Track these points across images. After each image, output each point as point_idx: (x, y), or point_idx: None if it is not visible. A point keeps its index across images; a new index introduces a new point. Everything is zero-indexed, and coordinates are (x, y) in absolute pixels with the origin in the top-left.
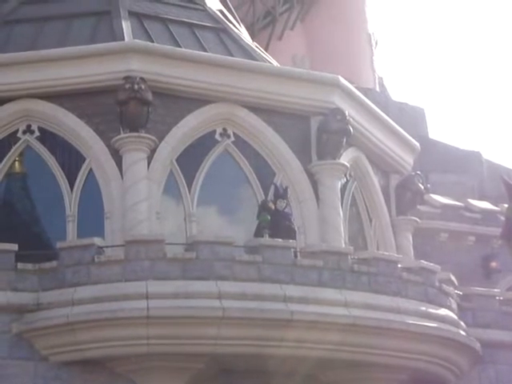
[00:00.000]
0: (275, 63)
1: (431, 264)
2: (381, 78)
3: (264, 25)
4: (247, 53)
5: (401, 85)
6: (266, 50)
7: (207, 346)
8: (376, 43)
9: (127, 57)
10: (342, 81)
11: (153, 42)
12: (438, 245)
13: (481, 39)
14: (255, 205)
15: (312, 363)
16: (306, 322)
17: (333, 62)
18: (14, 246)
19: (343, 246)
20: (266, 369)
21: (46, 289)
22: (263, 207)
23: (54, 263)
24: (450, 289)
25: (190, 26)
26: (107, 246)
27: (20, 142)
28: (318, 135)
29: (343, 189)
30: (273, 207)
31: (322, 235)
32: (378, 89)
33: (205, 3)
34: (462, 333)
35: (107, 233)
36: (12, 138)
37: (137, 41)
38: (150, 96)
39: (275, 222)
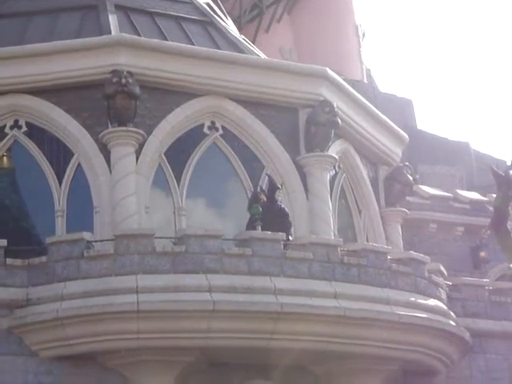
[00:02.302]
0: (262, 56)
1: (420, 255)
2: (368, 70)
3: (251, 17)
4: (234, 46)
5: (388, 76)
6: (254, 42)
7: (197, 339)
8: (363, 35)
9: (114, 51)
10: (330, 73)
11: (140, 35)
12: (427, 235)
13: (468, 29)
14: (244, 198)
15: (302, 355)
16: (297, 314)
17: (320, 54)
18: (3, 242)
19: (333, 238)
20: (257, 361)
21: (35, 284)
22: (254, 199)
23: (43, 258)
24: (440, 279)
25: (177, 19)
26: (96, 241)
27: (8, 137)
28: (307, 127)
29: (332, 181)
30: (264, 199)
31: (312, 227)
32: (365, 80)
33: None
34: (452, 323)
35: (96, 227)
36: (0, 134)
37: (124, 34)
38: (137, 90)
39: (272, 213)
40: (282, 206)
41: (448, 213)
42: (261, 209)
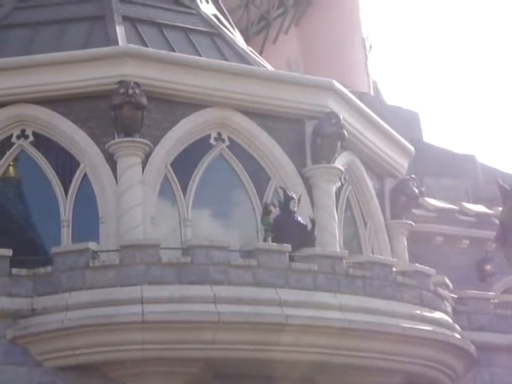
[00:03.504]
0: (269, 67)
1: (426, 267)
2: (375, 82)
3: (258, 29)
4: (241, 57)
5: (395, 89)
6: (261, 54)
7: (202, 350)
8: (370, 47)
9: (121, 61)
10: (337, 85)
11: (147, 46)
12: (432, 248)
13: (474, 43)
14: (250, 209)
15: (307, 367)
16: (301, 325)
17: (327, 66)
18: (9, 252)
19: (338, 249)
20: (262, 373)
21: (40, 294)
22: (265, 211)
23: (48, 268)
24: (445, 292)
25: (185, 30)
26: (102, 251)
27: (14, 146)
28: (313, 139)
29: (338, 193)
30: (273, 210)
31: (317, 239)
32: (372, 93)
33: (199, 8)
34: (457, 336)
35: (102, 237)
36: (6, 143)
37: (131, 45)
38: (144, 100)
39: (289, 225)
40: (299, 218)
41: (454, 225)
42: (272, 221)
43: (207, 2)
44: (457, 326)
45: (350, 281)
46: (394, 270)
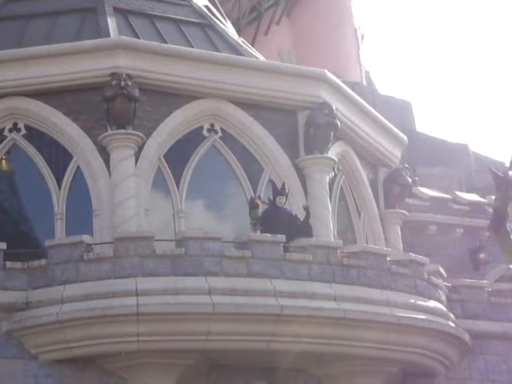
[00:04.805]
0: (262, 58)
1: (420, 256)
2: (367, 72)
3: (250, 20)
4: (234, 48)
5: (387, 78)
6: (253, 45)
7: (198, 341)
8: (362, 37)
9: (113, 53)
10: (329, 75)
11: (139, 38)
12: (426, 237)
13: (466, 31)
14: (243, 200)
15: (302, 357)
16: (297, 316)
17: (319, 56)
18: (3, 245)
19: (332, 240)
20: (258, 364)
21: (35, 287)
22: (251, 205)
23: (42, 261)
24: (439, 281)
25: (176, 21)
26: (96, 244)
27: (6, 140)
28: (306, 130)
29: (331, 183)
30: (260, 204)
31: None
32: (364, 83)
33: None
34: (452, 324)
35: (96, 230)
36: None
37: (123, 37)
38: (136, 92)
39: (277, 219)
40: (288, 210)
41: (447, 214)
42: (259, 214)
43: None
44: (451, 315)
45: (344, 271)
46: (388, 259)
